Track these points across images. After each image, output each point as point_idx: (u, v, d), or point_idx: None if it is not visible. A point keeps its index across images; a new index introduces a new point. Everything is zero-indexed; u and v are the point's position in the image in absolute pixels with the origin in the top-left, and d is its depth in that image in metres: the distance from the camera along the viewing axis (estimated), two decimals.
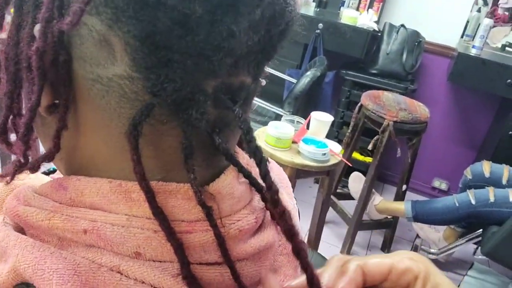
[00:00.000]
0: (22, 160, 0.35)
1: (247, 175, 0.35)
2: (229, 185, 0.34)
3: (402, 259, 0.37)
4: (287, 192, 0.50)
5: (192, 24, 0.28)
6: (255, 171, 0.36)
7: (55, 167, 0.41)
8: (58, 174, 0.55)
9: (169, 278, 0.32)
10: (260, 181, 0.35)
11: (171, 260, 0.32)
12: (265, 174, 0.32)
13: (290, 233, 0.32)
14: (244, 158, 0.40)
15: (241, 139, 0.41)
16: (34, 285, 0.31)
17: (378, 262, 0.37)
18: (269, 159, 0.52)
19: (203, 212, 0.32)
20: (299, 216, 0.54)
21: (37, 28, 0.30)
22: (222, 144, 0.33)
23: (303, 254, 0.32)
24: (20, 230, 0.35)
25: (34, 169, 0.36)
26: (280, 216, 0.32)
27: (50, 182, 0.35)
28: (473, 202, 1.99)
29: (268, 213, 0.39)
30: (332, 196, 2.38)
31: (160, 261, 0.32)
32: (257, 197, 0.38)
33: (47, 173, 0.57)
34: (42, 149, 0.36)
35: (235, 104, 0.33)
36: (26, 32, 0.31)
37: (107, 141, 0.33)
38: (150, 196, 0.31)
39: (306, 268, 0.32)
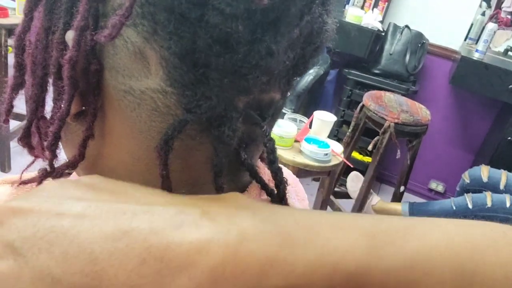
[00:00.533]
0: (49, 169, 0.35)
1: (270, 192, 0.35)
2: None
3: None
4: (303, 205, 0.50)
5: (232, 43, 0.27)
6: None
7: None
8: None
9: None
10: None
11: None
12: (282, 197, 0.32)
13: None
14: (265, 173, 0.40)
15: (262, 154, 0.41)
16: None
17: None
18: (285, 169, 0.52)
19: None
20: None
21: (70, 36, 0.29)
22: (247, 160, 0.33)
23: None
24: None
25: (57, 176, 0.35)
26: None
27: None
28: (470, 206, 2.00)
29: None
30: (330, 195, 2.39)
31: None
32: None
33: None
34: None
35: (263, 120, 0.32)
36: (56, 37, 0.31)
37: (134, 153, 0.32)
38: None
39: None
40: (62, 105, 0.31)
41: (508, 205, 1.95)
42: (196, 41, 0.27)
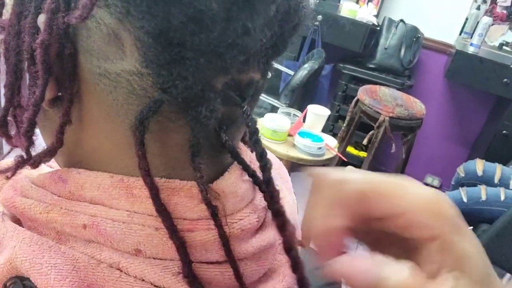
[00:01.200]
0: (25, 156, 0.34)
1: (252, 174, 0.35)
2: (233, 184, 0.34)
3: (423, 209, 0.25)
4: (287, 187, 0.50)
5: (207, 21, 0.27)
6: (257, 168, 0.36)
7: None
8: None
9: (170, 276, 0.31)
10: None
11: (172, 258, 0.31)
12: (268, 180, 0.32)
13: (288, 246, 0.31)
14: (247, 155, 0.39)
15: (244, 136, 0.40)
16: (30, 279, 0.30)
17: (390, 201, 0.26)
18: (269, 152, 0.51)
19: (207, 210, 0.32)
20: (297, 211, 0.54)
21: (42, 19, 0.29)
22: (228, 142, 0.33)
23: (301, 269, 0.31)
24: (17, 221, 0.34)
25: (35, 164, 0.35)
26: (280, 227, 0.32)
27: (48, 174, 0.35)
28: (464, 199, 2.00)
29: (269, 212, 0.39)
30: None
31: (161, 259, 0.31)
32: (259, 196, 0.38)
33: None
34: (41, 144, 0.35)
35: (243, 100, 0.32)
36: (28, 22, 0.30)
37: (112, 136, 0.32)
38: (154, 193, 0.30)
39: (297, 265, 0.31)
40: (37, 91, 0.30)
41: (502, 198, 1.95)
42: (170, 19, 0.26)
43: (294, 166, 1.66)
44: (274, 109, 2.16)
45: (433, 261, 0.25)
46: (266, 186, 0.32)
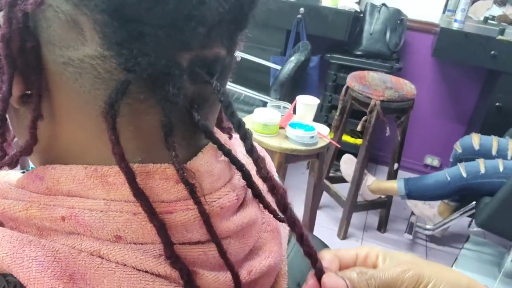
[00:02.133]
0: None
1: (227, 152, 0.35)
2: (207, 163, 0.34)
3: (362, 248, 0.39)
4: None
5: None
6: (234, 150, 0.36)
7: (33, 166, 0.40)
8: None
9: (151, 259, 0.31)
10: (240, 159, 0.35)
11: (152, 242, 0.32)
12: (250, 147, 0.32)
13: (283, 206, 0.33)
14: (222, 136, 0.39)
15: (220, 118, 0.40)
16: (12, 274, 0.30)
17: (346, 249, 0.40)
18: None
19: (184, 190, 0.32)
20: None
21: (0, 14, 0.29)
22: (201, 121, 0.33)
23: (298, 224, 0.34)
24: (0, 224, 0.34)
25: (12, 164, 0.35)
26: (271, 189, 0.33)
27: (26, 174, 0.35)
28: (464, 175, 2.00)
29: (249, 191, 0.39)
30: (325, 180, 2.38)
31: (141, 243, 0.32)
32: (237, 176, 0.38)
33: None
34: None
35: (212, 77, 0.32)
36: None
37: (84, 126, 0.32)
38: (131, 178, 0.30)
39: (294, 222, 0.34)
40: (3, 86, 0.31)
41: (501, 169, 1.94)
42: None
43: (288, 157, 1.66)
44: (265, 105, 2.16)
45: None
46: (250, 153, 0.32)
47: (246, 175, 0.36)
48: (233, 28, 0.33)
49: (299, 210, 2.07)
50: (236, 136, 0.40)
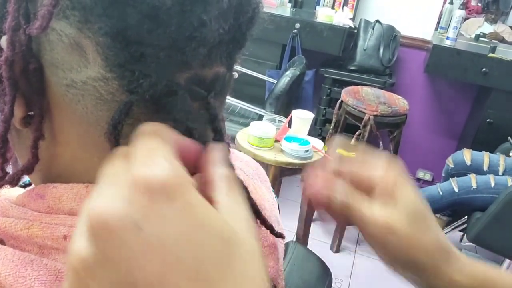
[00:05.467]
0: (0, 174, 0.35)
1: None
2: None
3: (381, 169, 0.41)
4: (266, 186, 0.51)
5: (162, 17, 0.28)
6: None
7: (30, 179, 0.41)
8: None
9: None
10: (238, 174, 0.36)
11: None
12: (220, 130, 0.34)
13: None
14: None
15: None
16: None
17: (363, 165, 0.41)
18: (247, 156, 0.53)
19: None
20: (279, 209, 0.55)
21: (4, 38, 0.30)
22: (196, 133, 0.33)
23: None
24: (0, 241, 0.34)
25: (13, 182, 0.35)
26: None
27: (26, 192, 0.35)
28: (456, 190, 2.02)
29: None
30: None
31: None
32: None
33: (23, 186, 0.56)
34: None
35: (208, 94, 0.33)
36: None
37: (86, 146, 0.32)
38: None
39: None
40: (6, 108, 0.31)
41: (493, 185, 1.97)
42: (126, 18, 0.27)
43: (283, 171, 1.67)
44: (260, 118, 2.18)
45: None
46: (218, 137, 0.33)
47: (244, 190, 0.37)
48: (232, 47, 0.34)
49: (293, 223, 2.08)
50: (233, 150, 0.41)
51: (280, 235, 0.44)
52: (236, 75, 0.39)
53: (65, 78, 0.30)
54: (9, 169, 0.36)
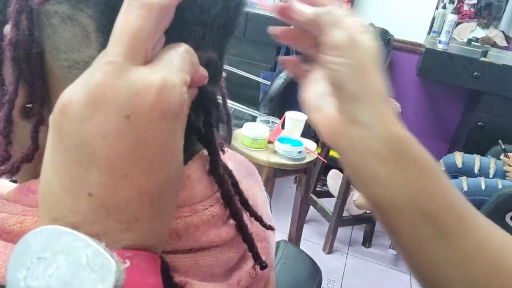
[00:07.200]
0: (3, 156, 0.35)
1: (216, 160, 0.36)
2: (199, 170, 0.36)
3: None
4: (258, 185, 0.52)
5: None
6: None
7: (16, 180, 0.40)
8: None
9: None
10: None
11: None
12: (209, 123, 0.34)
13: (226, 197, 0.36)
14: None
15: None
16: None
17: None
18: (240, 155, 0.53)
19: (180, 196, 0.33)
20: (270, 209, 0.56)
21: (8, 28, 0.31)
22: (208, 134, 0.34)
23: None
24: None
25: (13, 171, 0.35)
26: (219, 183, 0.35)
27: (17, 188, 0.35)
28: None
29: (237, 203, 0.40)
30: (312, 195, 2.41)
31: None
32: None
33: (15, 180, 0.56)
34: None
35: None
36: None
37: None
38: None
39: (236, 213, 0.37)
40: (10, 88, 0.32)
41: (483, 187, 1.99)
42: None
43: (276, 171, 1.68)
44: (254, 120, 2.19)
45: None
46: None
47: (234, 183, 0.38)
48: (223, 33, 0.34)
49: (286, 224, 2.09)
50: (227, 149, 0.42)
51: (270, 227, 0.44)
52: (224, 74, 0.40)
53: (67, 60, 0.31)
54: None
